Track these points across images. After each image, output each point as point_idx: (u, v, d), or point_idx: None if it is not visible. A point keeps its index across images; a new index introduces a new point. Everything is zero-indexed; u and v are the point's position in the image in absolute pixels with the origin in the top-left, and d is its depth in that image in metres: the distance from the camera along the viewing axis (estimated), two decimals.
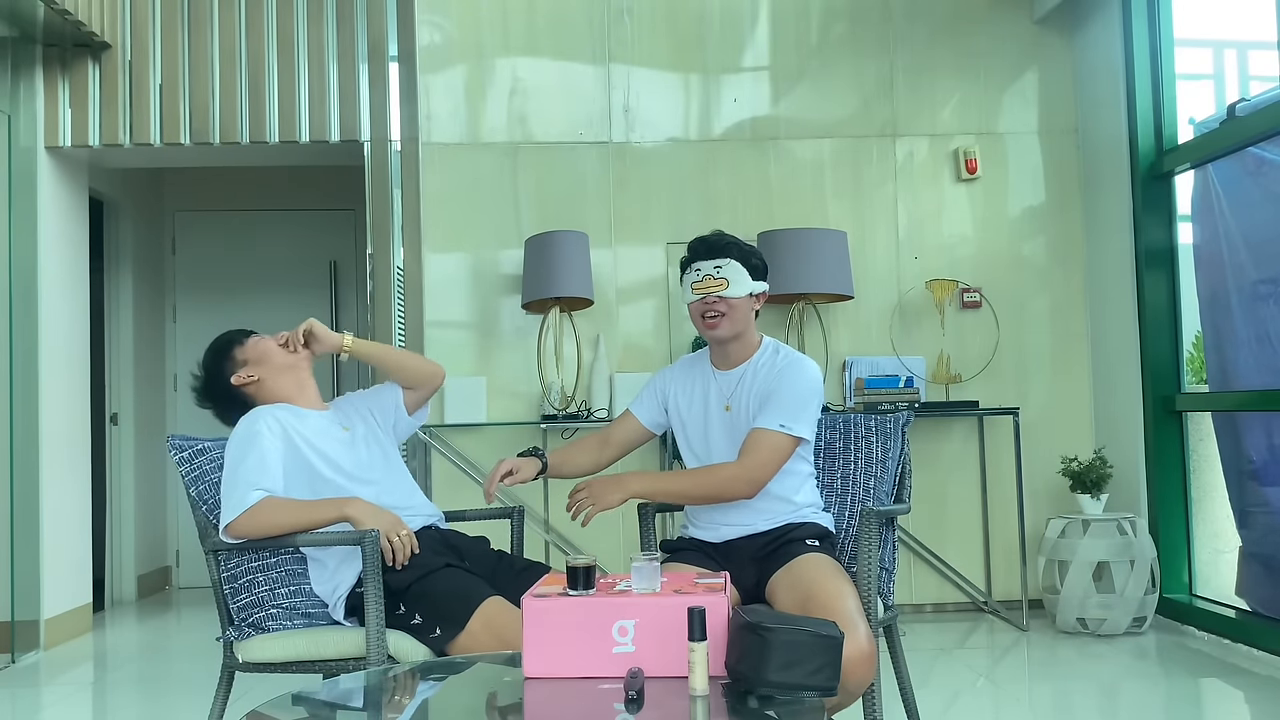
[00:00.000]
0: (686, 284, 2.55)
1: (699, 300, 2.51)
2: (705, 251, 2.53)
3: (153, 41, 4.77)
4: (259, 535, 2.39)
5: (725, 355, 2.59)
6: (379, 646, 2.32)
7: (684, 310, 4.80)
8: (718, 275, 2.49)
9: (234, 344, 2.72)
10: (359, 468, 2.57)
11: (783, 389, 2.47)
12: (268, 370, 2.66)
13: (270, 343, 2.70)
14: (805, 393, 2.48)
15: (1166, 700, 3.54)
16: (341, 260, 6.50)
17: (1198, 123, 4.46)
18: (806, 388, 2.49)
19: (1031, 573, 4.67)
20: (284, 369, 2.66)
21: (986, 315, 4.87)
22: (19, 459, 4.55)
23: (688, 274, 2.55)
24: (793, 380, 2.48)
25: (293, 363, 2.67)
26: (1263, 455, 4.19)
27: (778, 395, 2.46)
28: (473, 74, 4.90)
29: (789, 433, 2.43)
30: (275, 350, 2.67)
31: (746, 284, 2.51)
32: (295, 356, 2.67)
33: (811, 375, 2.51)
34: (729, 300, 2.49)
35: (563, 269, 4.41)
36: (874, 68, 4.98)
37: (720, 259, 2.51)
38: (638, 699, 1.67)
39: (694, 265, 2.53)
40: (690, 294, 2.53)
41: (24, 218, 4.66)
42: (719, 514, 2.56)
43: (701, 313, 2.52)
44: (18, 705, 3.81)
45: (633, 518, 2.85)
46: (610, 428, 2.75)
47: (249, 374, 2.65)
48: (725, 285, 2.49)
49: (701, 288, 2.50)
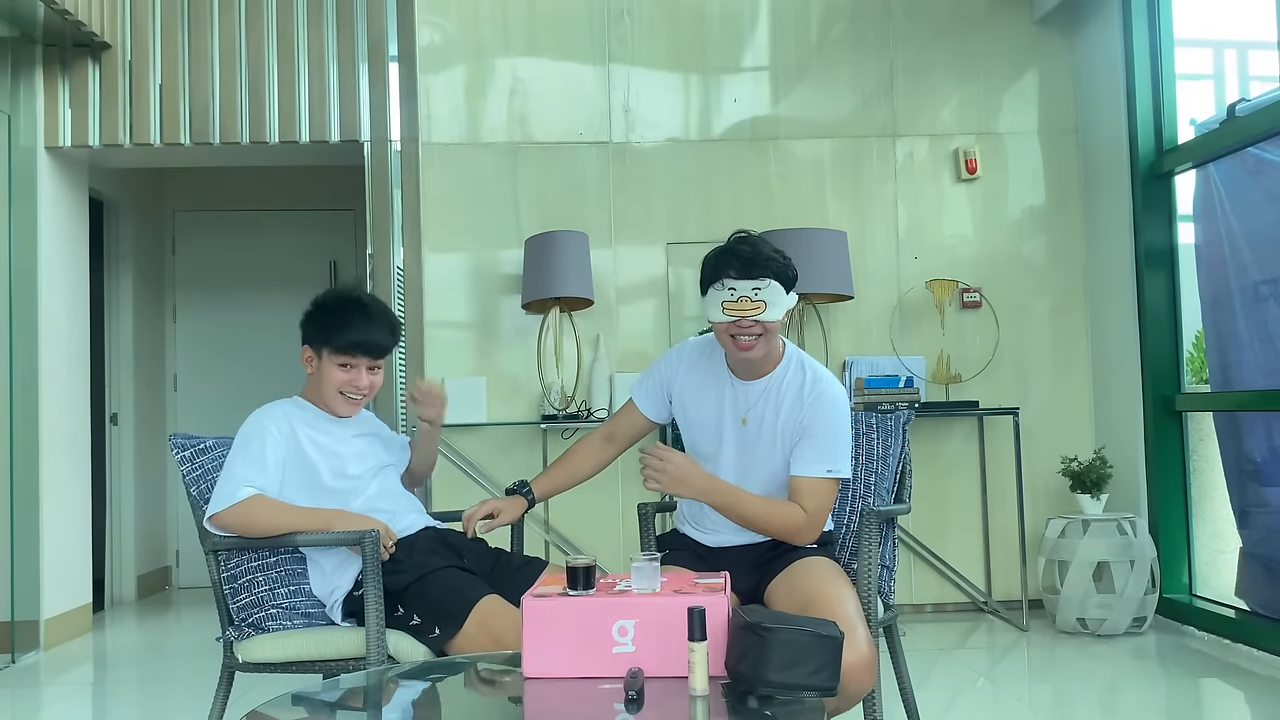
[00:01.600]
0: (714, 300, 2.29)
1: (731, 322, 2.28)
2: (741, 267, 2.27)
3: (153, 41, 4.77)
4: (242, 531, 2.39)
5: (749, 366, 2.40)
6: (379, 646, 2.32)
7: (684, 310, 4.81)
8: (756, 297, 2.25)
9: (329, 342, 2.53)
10: (363, 474, 2.57)
11: (822, 429, 2.34)
12: (319, 382, 2.58)
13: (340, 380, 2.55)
14: (843, 430, 2.37)
15: (1166, 700, 3.54)
16: (341, 260, 6.50)
17: (1198, 124, 4.46)
18: (842, 423, 2.37)
19: (1031, 573, 4.67)
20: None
21: (986, 315, 4.87)
22: (19, 459, 4.55)
23: (717, 289, 2.29)
24: (829, 419, 2.35)
25: None
26: (1263, 455, 4.19)
27: (818, 437, 2.33)
28: (473, 74, 4.90)
29: (836, 476, 2.35)
30: (336, 377, 2.55)
31: (784, 303, 2.30)
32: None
33: (844, 407, 2.38)
34: (766, 324, 2.29)
35: (563, 269, 4.41)
36: (874, 67, 4.98)
37: (760, 280, 2.26)
38: (638, 699, 1.67)
39: (726, 282, 2.28)
40: (722, 314, 2.27)
41: (24, 218, 4.65)
42: (715, 519, 2.46)
43: (732, 334, 2.30)
44: (18, 705, 3.81)
45: (632, 518, 2.85)
46: (614, 422, 2.63)
47: (309, 367, 2.60)
48: (763, 309, 2.26)
49: (736, 309, 2.26)
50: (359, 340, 2.51)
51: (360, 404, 2.59)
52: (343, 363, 2.52)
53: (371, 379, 2.56)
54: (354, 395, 2.55)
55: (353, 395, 2.55)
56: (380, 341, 2.55)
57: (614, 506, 4.70)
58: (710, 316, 2.32)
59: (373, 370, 2.55)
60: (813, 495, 2.34)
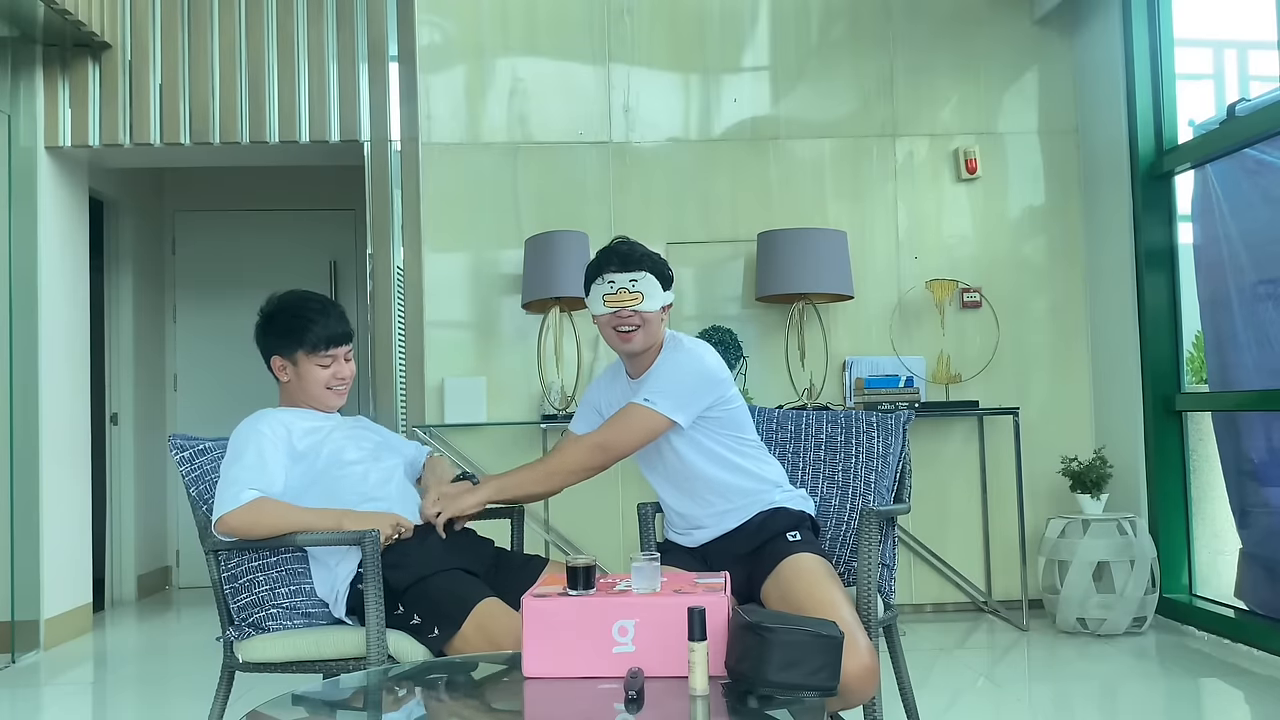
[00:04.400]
0: (596, 295, 2.48)
1: (611, 313, 2.46)
2: (619, 263, 2.48)
3: (153, 41, 4.77)
4: (250, 534, 2.39)
5: (639, 364, 2.54)
6: (379, 646, 2.32)
7: (684, 310, 4.81)
8: (633, 289, 2.45)
9: (303, 345, 2.58)
10: (362, 458, 2.58)
11: (659, 369, 2.47)
12: (302, 386, 2.62)
13: (324, 376, 2.60)
14: (680, 372, 2.45)
15: (1166, 700, 3.54)
16: (341, 260, 6.50)
17: (1197, 125, 4.46)
18: (684, 368, 2.46)
19: (1031, 573, 4.67)
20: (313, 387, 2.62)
21: (986, 315, 4.87)
22: (19, 459, 4.55)
23: (598, 284, 2.49)
24: (670, 360, 2.48)
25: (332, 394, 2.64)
26: (1262, 456, 4.19)
27: (653, 377, 2.46)
28: (473, 74, 4.90)
29: (652, 407, 2.41)
30: (320, 375, 2.60)
31: (660, 297, 2.47)
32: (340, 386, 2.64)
33: (691, 358, 2.48)
34: (643, 314, 2.45)
35: (563, 269, 4.41)
36: (874, 67, 4.98)
37: (635, 272, 2.46)
38: (638, 699, 1.67)
39: (606, 276, 2.48)
40: (602, 306, 2.47)
41: (24, 218, 4.66)
42: (687, 519, 2.55)
43: (614, 325, 2.47)
44: (18, 705, 3.81)
45: (632, 518, 2.85)
46: (558, 457, 2.58)
47: (285, 376, 2.63)
48: (640, 299, 2.45)
49: (615, 300, 2.45)
50: (331, 334, 2.60)
51: (345, 393, 2.68)
52: (321, 360, 2.60)
53: (350, 366, 2.66)
54: (340, 386, 2.65)
55: (340, 386, 2.64)
56: (347, 329, 2.66)
57: (614, 506, 4.70)
58: (593, 310, 2.51)
59: (348, 359, 2.66)
60: (616, 419, 2.45)
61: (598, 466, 2.48)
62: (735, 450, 2.52)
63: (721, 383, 2.50)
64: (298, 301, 2.65)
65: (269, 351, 2.63)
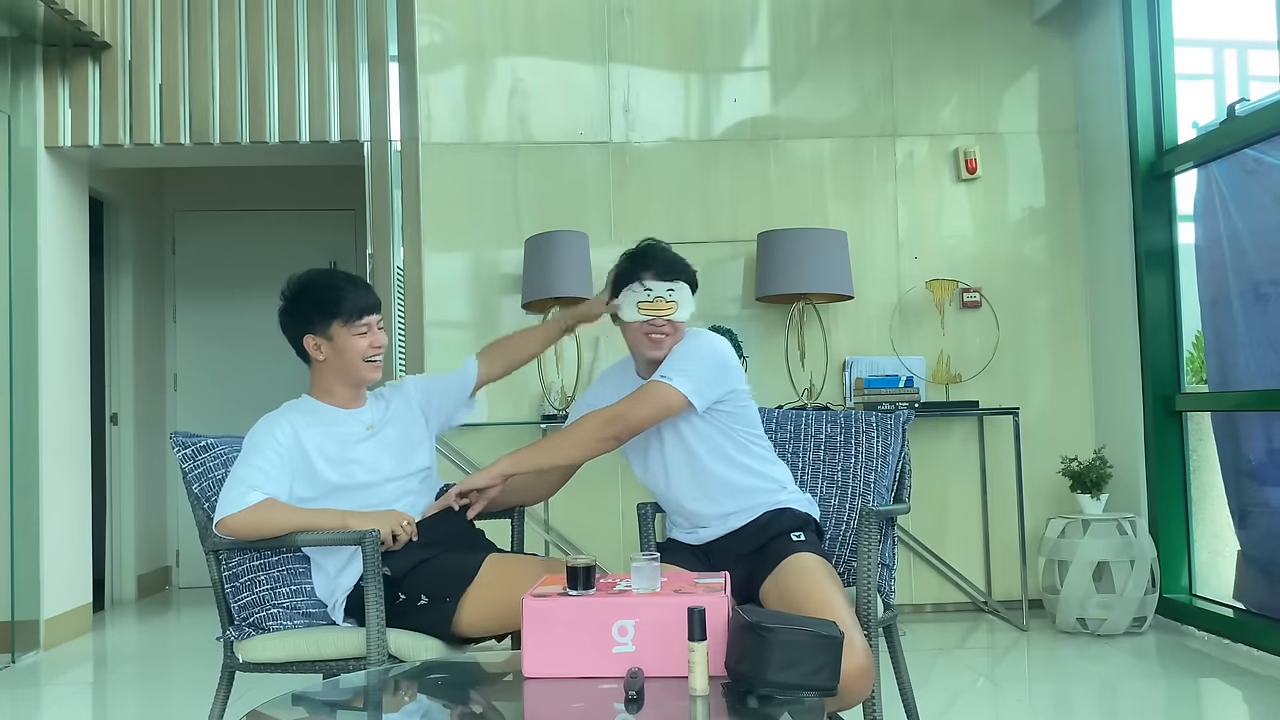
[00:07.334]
0: (630, 301, 2.46)
1: (645, 321, 2.45)
2: (661, 269, 2.47)
3: (153, 41, 4.77)
4: (252, 535, 2.39)
5: (653, 366, 2.51)
6: (379, 646, 2.32)
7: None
8: (669, 298, 2.45)
9: (338, 316, 2.53)
10: (373, 483, 2.56)
11: (679, 353, 2.45)
12: (340, 362, 2.57)
13: (361, 344, 2.56)
14: (698, 357, 2.44)
15: (1166, 700, 3.54)
16: (341, 260, 6.49)
17: (1199, 126, 4.46)
18: (701, 352, 2.45)
19: (1031, 573, 4.67)
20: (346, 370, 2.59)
21: (986, 315, 4.87)
22: (19, 459, 4.55)
23: (633, 290, 2.46)
24: (690, 348, 2.45)
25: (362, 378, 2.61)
26: (1261, 456, 4.19)
27: (672, 359, 2.44)
28: (473, 74, 4.90)
29: (669, 382, 2.39)
30: (358, 345, 2.56)
31: (690, 304, 2.49)
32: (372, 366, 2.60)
33: (707, 344, 2.47)
34: (675, 324, 2.46)
35: (563, 269, 4.41)
36: (874, 67, 4.98)
37: (674, 281, 2.46)
38: (638, 699, 1.67)
39: (644, 283, 2.46)
40: (636, 313, 2.45)
41: (24, 218, 4.66)
42: (692, 515, 2.53)
43: (646, 332, 2.46)
44: (18, 705, 3.81)
45: (632, 518, 2.85)
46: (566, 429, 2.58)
47: (320, 354, 2.57)
48: (675, 309, 2.45)
49: (652, 309, 2.44)
50: (365, 303, 2.57)
51: (380, 364, 2.64)
52: (358, 329, 2.55)
53: (383, 335, 2.63)
54: (377, 356, 2.61)
55: (376, 356, 2.60)
56: (376, 298, 2.63)
57: (614, 506, 4.70)
58: (625, 316, 2.48)
59: (380, 327, 2.62)
60: (633, 394, 2.43)
61: (610, 438, 2.43)
62: (744, 449, 2.51)
63: (736, 373, 2.50)
64: (323, 277, 2.61)
65: (300, 332, 2.57)
